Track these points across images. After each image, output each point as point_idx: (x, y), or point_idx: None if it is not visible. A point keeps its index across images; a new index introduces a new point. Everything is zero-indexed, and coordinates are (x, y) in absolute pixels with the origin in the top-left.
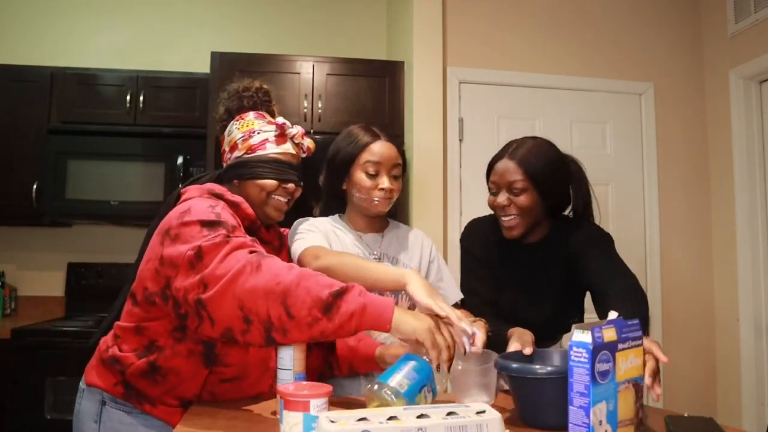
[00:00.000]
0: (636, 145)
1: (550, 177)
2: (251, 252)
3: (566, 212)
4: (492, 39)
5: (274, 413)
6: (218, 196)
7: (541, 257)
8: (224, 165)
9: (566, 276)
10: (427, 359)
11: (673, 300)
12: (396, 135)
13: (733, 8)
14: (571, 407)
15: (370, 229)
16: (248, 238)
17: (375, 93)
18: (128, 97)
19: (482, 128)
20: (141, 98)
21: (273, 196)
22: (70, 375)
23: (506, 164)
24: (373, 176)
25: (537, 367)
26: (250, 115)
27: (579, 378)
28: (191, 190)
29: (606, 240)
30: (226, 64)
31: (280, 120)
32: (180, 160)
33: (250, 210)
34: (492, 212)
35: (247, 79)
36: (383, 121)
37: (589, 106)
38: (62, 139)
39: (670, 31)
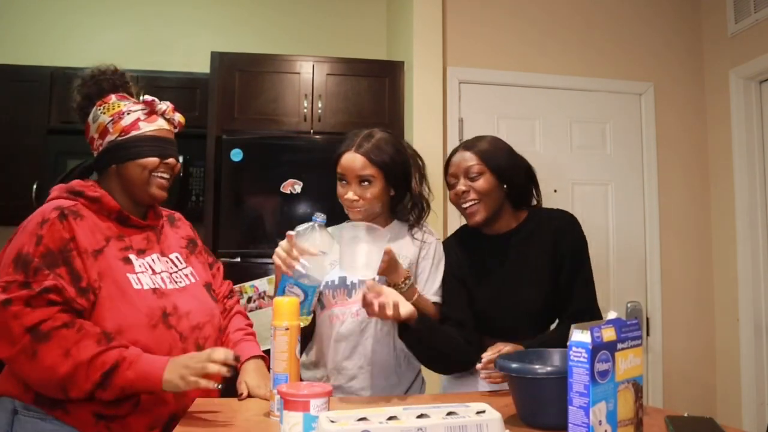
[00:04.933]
0: (636, 145)
1: (502, 161)
2: (28, 329)
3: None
4: (492, 39)
5: (267, 414)
6: (78, 194)
7: (518, 245)
8: (95, 153)
9: (550, 262)
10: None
11: (673, 300)
12: (395, 135)
13: (733, 8)
14: (570, 407)
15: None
16: (37, 291)
17: (375, 93)
18: None
19: (482, 128)
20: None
21: (155, 174)
22: None
23: (461, 155)
24: (345, 185)
25: (537, 367)
26: (113, 98)
27: (578, 378)
28: (55, 190)
29: (585, 248)
30: (226, 64)
31: (148, 97)
32: (180, 160)
33: (113, 203)
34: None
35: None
36: (383, 121)
37: (589, 106)
38: (62, 139)
39: (670, 31)
